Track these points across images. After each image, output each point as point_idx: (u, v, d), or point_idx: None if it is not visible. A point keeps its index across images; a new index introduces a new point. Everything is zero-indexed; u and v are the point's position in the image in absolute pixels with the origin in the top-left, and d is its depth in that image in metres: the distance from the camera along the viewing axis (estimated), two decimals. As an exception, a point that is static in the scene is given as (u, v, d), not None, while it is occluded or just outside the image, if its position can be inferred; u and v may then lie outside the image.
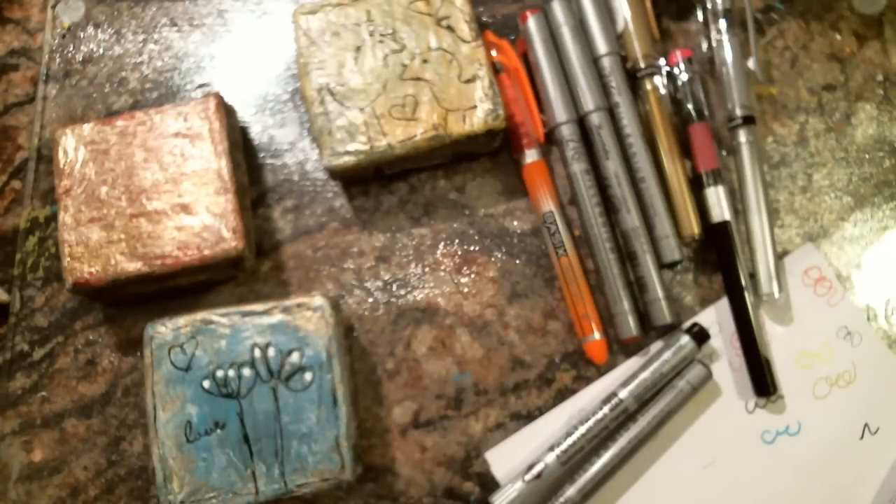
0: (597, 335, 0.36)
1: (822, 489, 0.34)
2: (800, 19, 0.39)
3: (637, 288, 0.36)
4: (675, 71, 0.38)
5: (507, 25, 0.41)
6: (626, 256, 0.37)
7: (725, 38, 0.38)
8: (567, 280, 0.36)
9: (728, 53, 0.38)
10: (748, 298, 0.35)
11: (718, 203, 0.36)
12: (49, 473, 0.37)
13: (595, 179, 0.37)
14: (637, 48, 0.38)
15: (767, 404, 0.35)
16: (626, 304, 0.35)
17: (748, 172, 0.37)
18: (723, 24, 0.38)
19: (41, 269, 0.39)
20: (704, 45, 0.40)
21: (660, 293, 0.35)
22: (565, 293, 0.36)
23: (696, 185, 0.37)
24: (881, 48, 0.40)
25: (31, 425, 0.37)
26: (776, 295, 0.35)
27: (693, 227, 0.36)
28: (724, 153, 0.38)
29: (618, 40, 0.39)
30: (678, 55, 0.38)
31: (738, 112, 0.37)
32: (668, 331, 0.36)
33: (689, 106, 0.38)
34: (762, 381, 0.35)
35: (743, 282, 0.35)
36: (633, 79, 0.39)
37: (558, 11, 0.39)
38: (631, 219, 0.36)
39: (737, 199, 0.37)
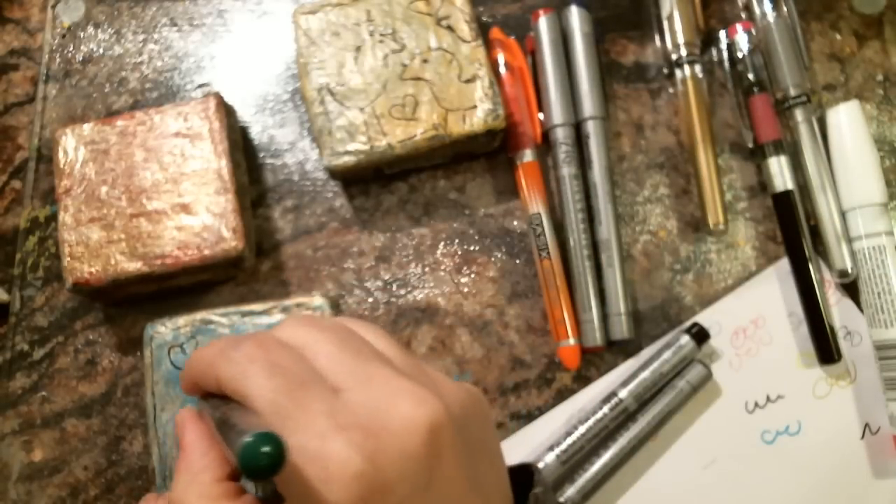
0: (571, 341, 0.36)
1: (822, 489, 0.34)
2: (800, 19, 0.39)
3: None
4: (736, 43, 0.39)
5: (507, 25, 0.41)
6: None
7: (772, 18, 0.38)
8: (547, 283, 0.36)
9: (776, 33, 0.38)
10: (811, 266, 0.35)
11: (781, 173, 0.36)
12: (49, 473, 0.37)
13: (582, 186, 0.37)
14: (681, 35, 0.38)
15: (767, 404, 0.35)
16: (593, 313, 0.36)
17: (810, 151, 0.37)
18: (768, 5, 0.38)
19: (41, 269, 0.39)
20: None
21: (621, 308, 0.36)
22: (545, 295, 0.36)
23: (757, 157, 0.38)
24: (881, 48, 0.40)
25: (31, 425, 0.37)
26: (849, 270, 0.35)
27: (719, 215, 0.37)
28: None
29: (661, 25, 0.39)
30: (738, 27, 0.39)
31: (793, 92, 0.37)
32: (631, 345, 0.37)
33: (751, 77, 0.38)
34: (827, 349, 0.35)
35: (806, 251, 0.36)
36: (671, 67, 0.39)
37: (574, 17, 0.39)
38: (602, 230, 0.37)
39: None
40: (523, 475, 0.26)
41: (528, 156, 0.38)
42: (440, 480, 0.21)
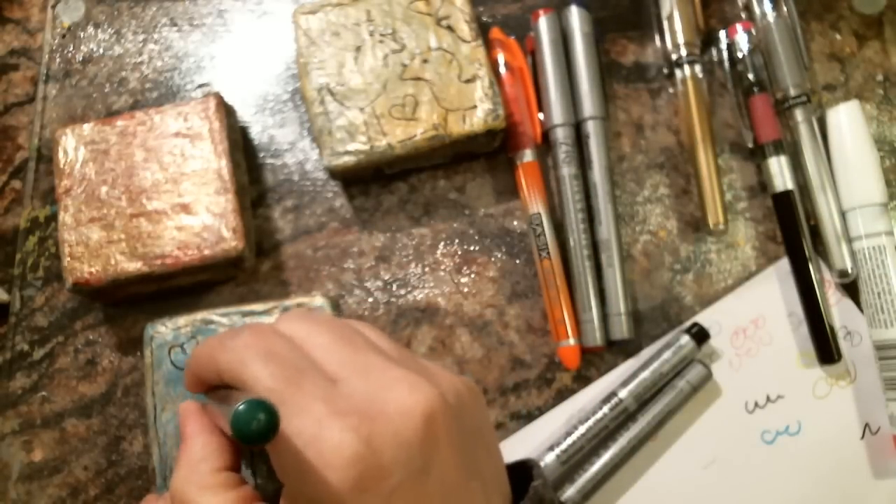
0: (571, 341, 0.35)
1: (822, 489, 0.34)
2: (800, 19, 0.39)
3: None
4: (736, 43, 0.39)
5: (508, 25, 0.41)
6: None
7: (772, 18, 0.38)
8: (547, 283, 0.36)
9: (776, 33, 0.38)
10: (811, 266, 0.36)
11: (781, 173, 0.36)
12: (49, 473, 0.37)
13: (582, 186, 0.37)
14: (681, 35, 0.38)
15: (767, 404, 0.35)
16: (593, 313, 0.36)
17: (810, 151, 0.37)
18: (768, 5, 0.38)
19: (41, 269, 0.39)
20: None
21: (621, 308, 0.36)
22: (544, 295, 0.36)
23: (757, 157, 0.38)
24: (881, 48, 0.40)
25: (31, 425, 0.37)
26: (849, 270, 0.35)
27: (719, 215, 0.37)
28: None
29: (661, 25, 0.39)
30: (738, 27, 0.39)
31: (793, 92, 0.37)
32: (631, 345, 0.37)
33: (751, 77, 0.38)
34: (827, 349, 0.35)
35: (806, 251, 0.36)
36: (671, 67, 0.39)
37: (574, 16, 0.39)
38: (602, 230, 0.37)
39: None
40: (522, 471, 0.26)
41: (528, 156, 0.38)
42: (437, 466, 0.21)
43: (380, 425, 0.20)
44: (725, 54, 0.39)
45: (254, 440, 0.18)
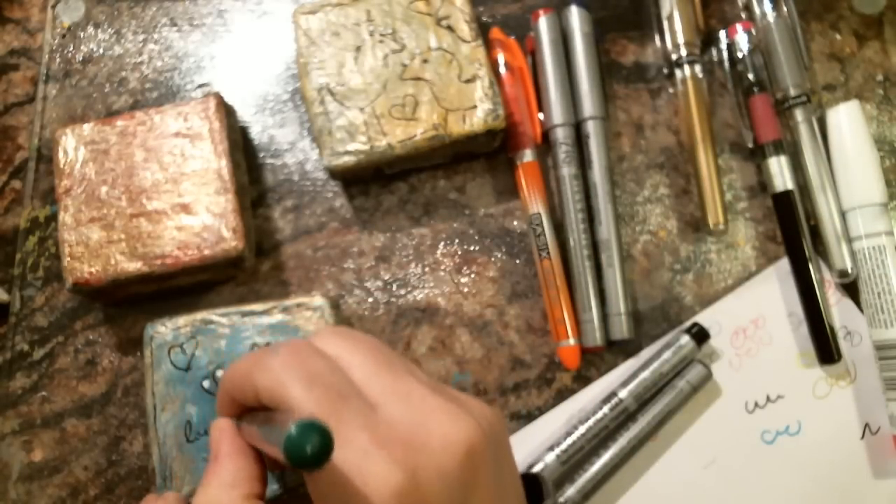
0: (571, 341, 0.35)
1: (822, 489, 0.34)
2: (800, 19, 0.39)
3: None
4: (736, 43, 0.39)
5: (508, 25, 0.41)
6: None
7: (772, 18, 0.38)
8: (547, 283, 0.36)
9: (776, 33, 0.38)
10: (811, 266, 0.36)
11: (781, 173, 0.36)
12: (49, 473, 0.37)
13: (582, 186, 0.37)
14: (681, 35, 0.38)
15: (767, 404, 0.35)
16: (593, 313, 0.36)
17: (810, 151, 0.37)
18: (768, 5, 0.38)
19: (41, 269, 0.39)
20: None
21: (621, 308, 0.36)
22: (544, 295, 0.36)
23: (757, 157, 0.38)
24: (881, 48, 0.40)
25: (31, 425, 0.37)
26: (849, 270, 0.35)
27: (719, 215, 0.37)
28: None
29: (661, 25, 0.39)
30: (738, 27, 0.39)
31: (793, 92, 0.37)
32: (631, 345, 0.37)
33: (751, 77, 0.38)
34: (827, 349, 0.35)
35: (806, 251, 0.36)
36: (671, 67, 0.39)
37: (574, 16, 0.39)
38: (602, 230, 0.37)
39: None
40: (529, 484, 0.26)
41: (528, 156, 0.38)
42: (475, 501, 0.21)
43: (424, 458, 0.20)
44: (725, 54, 0.39)
45: (308, 464, 0.18)
